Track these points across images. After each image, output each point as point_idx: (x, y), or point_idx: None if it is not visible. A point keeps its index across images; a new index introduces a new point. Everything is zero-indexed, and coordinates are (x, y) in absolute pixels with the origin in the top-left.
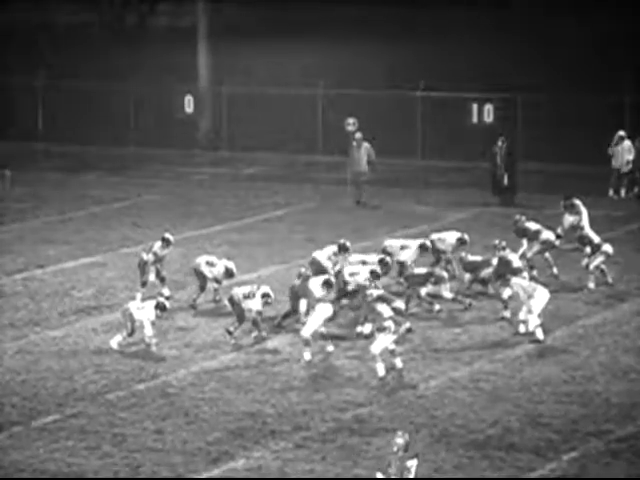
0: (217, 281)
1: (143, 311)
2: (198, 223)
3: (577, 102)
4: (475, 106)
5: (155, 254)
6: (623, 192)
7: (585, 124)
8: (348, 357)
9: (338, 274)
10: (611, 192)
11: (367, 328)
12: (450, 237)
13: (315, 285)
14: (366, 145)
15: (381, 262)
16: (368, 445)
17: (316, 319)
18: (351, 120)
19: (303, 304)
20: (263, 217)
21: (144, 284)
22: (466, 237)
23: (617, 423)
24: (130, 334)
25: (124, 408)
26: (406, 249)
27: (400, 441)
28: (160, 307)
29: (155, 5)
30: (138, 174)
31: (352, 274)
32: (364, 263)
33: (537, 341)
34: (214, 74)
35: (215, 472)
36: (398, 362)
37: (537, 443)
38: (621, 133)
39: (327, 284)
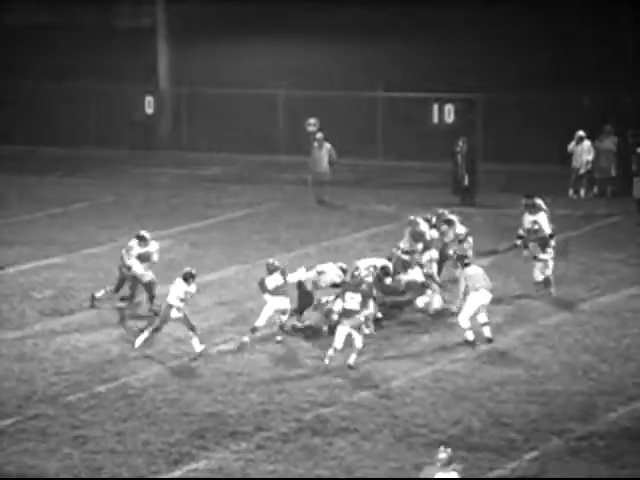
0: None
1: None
2: (159, 224)
3: (537, 102)
4: (436, 106)
5: (131, 253)
6: (583, 192)
7: (545, 124)
8: (311, 357)
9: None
10: (571, 192)
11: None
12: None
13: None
14: (327, 145)
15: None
16: (330, 445)
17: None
18: (312, 120)
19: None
20: (225, 217)
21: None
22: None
23: (577, 422)
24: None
25: (85, 410)
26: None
27: (443, 456)
28: (185, 277)
29: (116, 6)
30: (98, 175)
31: (320, 272)
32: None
33: (469, 342)
34: (175, 75)
35: (176, 473)
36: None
37: (498, 442)
38: (581, 133)
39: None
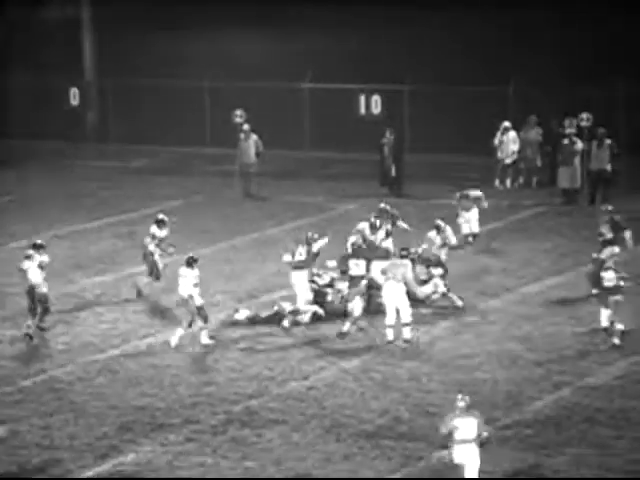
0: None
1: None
2: (87, 216)
3: (463, 93)
4: (362, 98)
5: (154, 237)
6: (509, 182)
7: (471, 115)
8: (239, 349)
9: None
10: (497, 182)
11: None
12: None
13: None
14: (254, 137)
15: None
16: (259, 437)
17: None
18: (239, 112)
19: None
20: (152, 210)
21: (157, 277)
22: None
23: (504, 410)
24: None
25: (11, 404)
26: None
27: (462, 404)
28: (189, 262)
29: None
30: (24, 167)
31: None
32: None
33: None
34: (101, 66)
35: (104, 467)
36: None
37: (426, 432)
38: (506, 124)
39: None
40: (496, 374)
